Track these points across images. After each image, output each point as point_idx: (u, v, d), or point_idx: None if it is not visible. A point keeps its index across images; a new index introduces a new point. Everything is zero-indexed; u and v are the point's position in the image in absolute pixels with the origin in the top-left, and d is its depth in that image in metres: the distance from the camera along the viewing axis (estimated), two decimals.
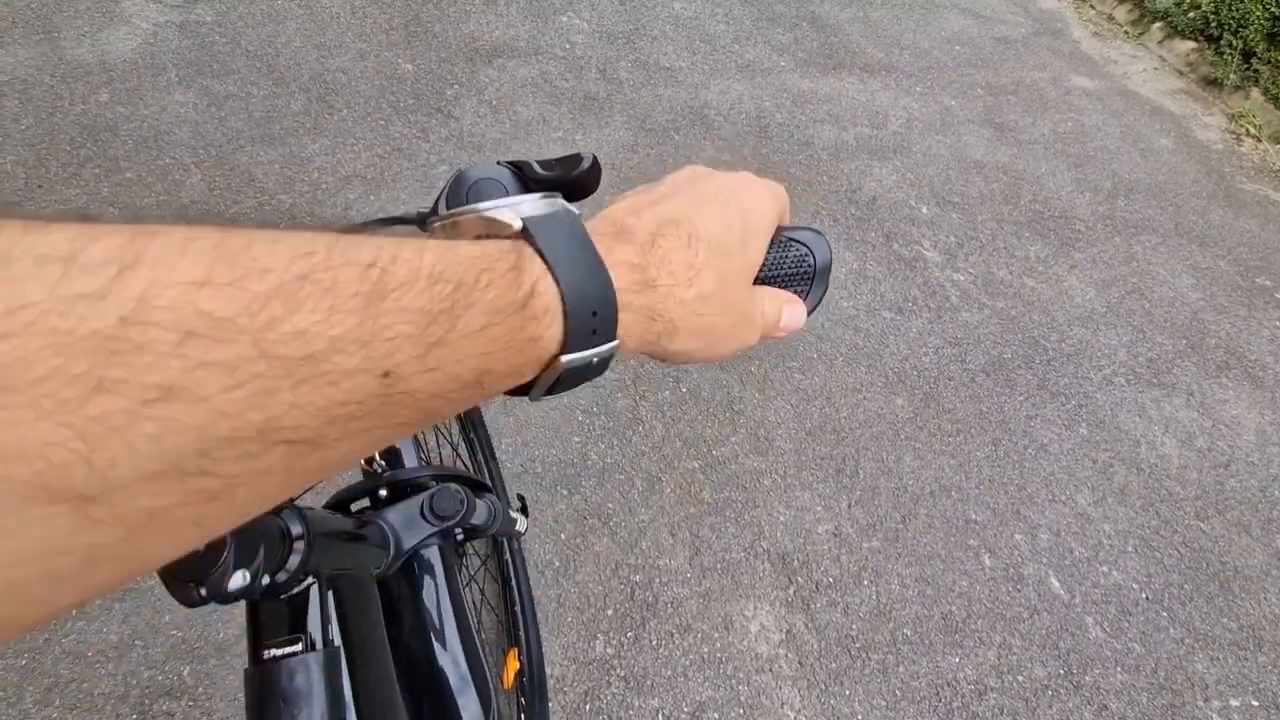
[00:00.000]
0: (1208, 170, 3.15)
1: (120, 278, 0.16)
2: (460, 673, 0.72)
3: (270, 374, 0.18)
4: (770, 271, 0.37)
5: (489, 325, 0.23)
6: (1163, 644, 1.60)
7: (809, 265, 0.37)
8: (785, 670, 1.43)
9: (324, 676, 0.42)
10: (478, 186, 0.35)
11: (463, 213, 0.27)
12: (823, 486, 1.73)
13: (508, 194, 0.36)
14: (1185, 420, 2.08)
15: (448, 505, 0.60)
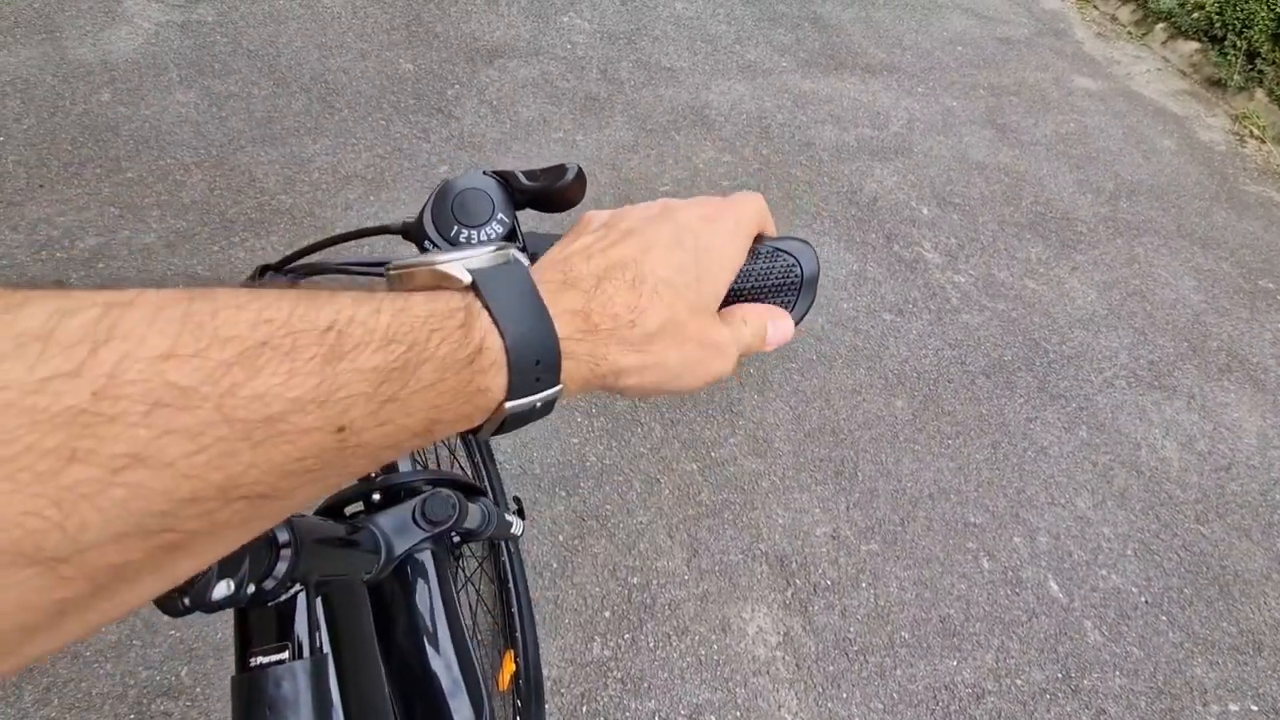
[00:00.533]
0: (1211, 172, 3.14)
1: (94, 353, 0.17)
2: (453, 676, 0.72)
3: (231, 436, 0.19)
4: (758, 282, 0.37)
5: (439, 380, 0.24)
6: (1162, 648, 1.59)
7: (796, 275, 0.37)
8: (783, 673, 1.43)
9: (311, 684, 0.42)
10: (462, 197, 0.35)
11: (417, 264, 0.27)
12: (821, 489, 1.73)
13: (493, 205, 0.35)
14: (1186, 423, 2.07)
15: (440, 510, 0.60)
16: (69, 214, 1.89)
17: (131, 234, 1.88)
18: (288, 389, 0.20)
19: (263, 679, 0.41)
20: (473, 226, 0.35)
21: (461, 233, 0.35)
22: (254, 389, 0.19)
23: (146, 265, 1.82)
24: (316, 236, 1.98)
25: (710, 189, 2.45)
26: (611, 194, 2.35)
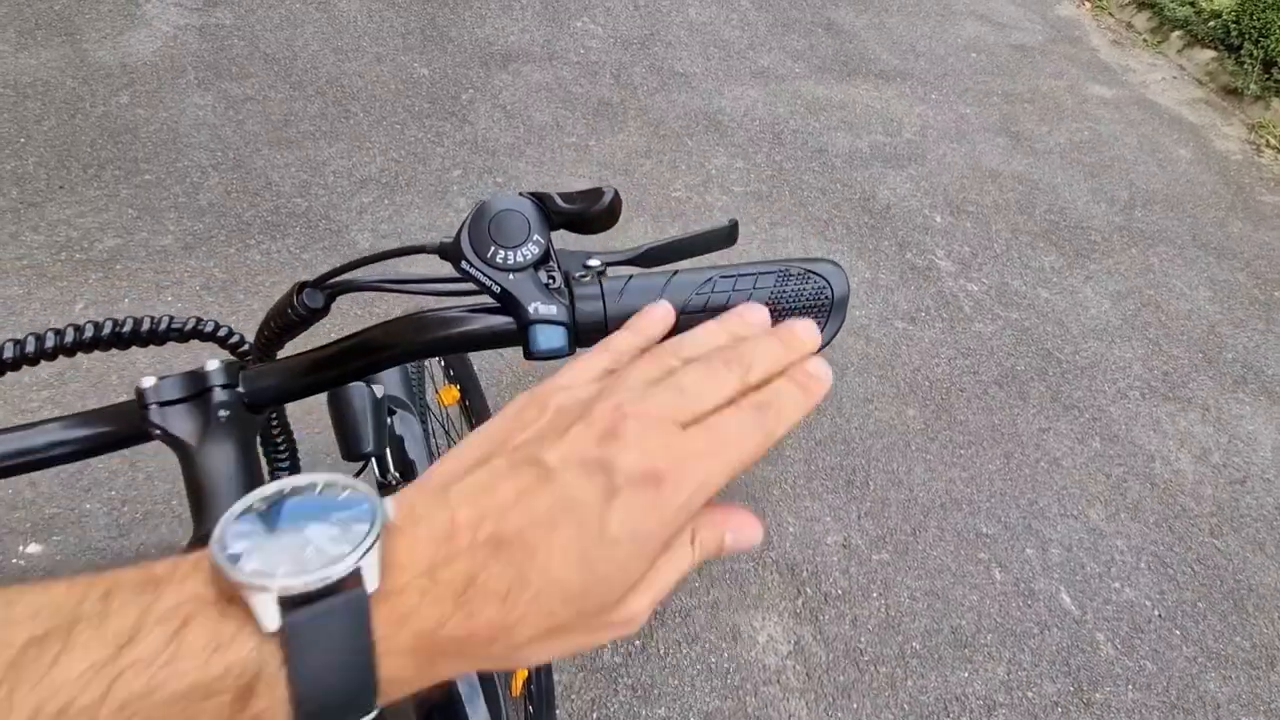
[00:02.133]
0: (1226, 181, 3.11)
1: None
2: (469, 681, 0.72)
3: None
4: (789, 303, 0.37)
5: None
6: (1175, 662, 1.58)
7: (826, 298, 0.38)
8: (793, 682, 1.43)
9: None
10: (499, 218, 0.36)
11: (229, 573, 0.20)
12: (832, 497, 1.73)
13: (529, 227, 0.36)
14: (1200, 435, 2.06)
15: None
16: (88, 215, 1.91)
17: (149, 236, 1.90)
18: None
19: None
20: (509, 247, 0.35)
21: (498, 253, 0.35)
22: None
23: (164, 267, 1.84)
24: (331, 240, 1.99)
25: (723, 195, 2.45)
26: (625, 198, 2.35)
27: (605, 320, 0.37)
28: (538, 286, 0.36)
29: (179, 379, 0.40)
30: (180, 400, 0.39)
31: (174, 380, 0.40)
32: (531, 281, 0.36)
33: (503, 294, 0.36)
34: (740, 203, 2.44)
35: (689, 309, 0.37)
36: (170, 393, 0.39)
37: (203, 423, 0.39)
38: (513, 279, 0.35)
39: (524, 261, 0.35)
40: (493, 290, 0.36)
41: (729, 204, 2.42)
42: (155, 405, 0.39)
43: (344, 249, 1.98)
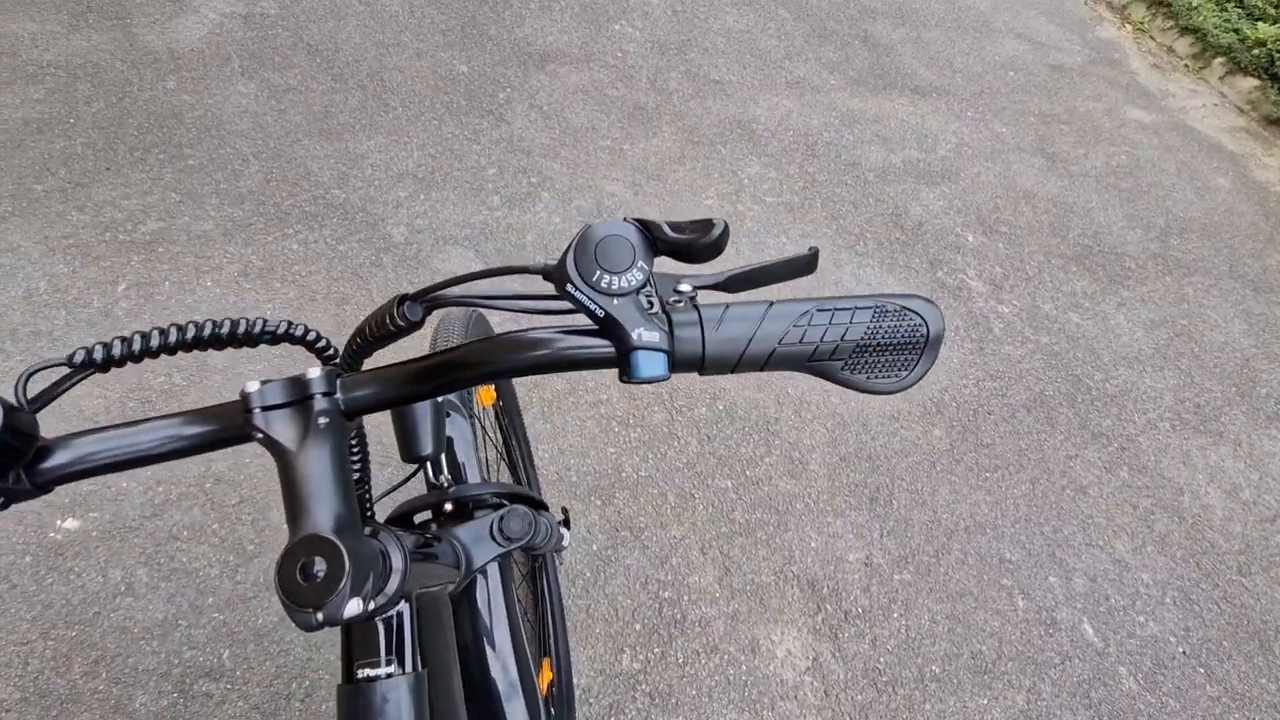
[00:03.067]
0: (1266, 213, 3.07)
1: None
2: (509, 679, 0.73)
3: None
4: (884, 339, 0.38)
5: None
6: (1198, 701, 1.56)
7: (921, 336, 0.38)
8: (810, 699, 1.42)
9: (413, 698, 0.43)
10: (605, 243, 0.36)
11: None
12: (855, 514, 1.72)
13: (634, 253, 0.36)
14: (1231, 470, 2.03)
15: (517, 526, 0.61)
16: (133, 197, 1.94)
17: (190, 220, 1.93)
18: None
19: (370, 691, 0.42)
20: (614, 273, 0.36)
21: (603, 278, 0.36)
22: None
23: (204, 252, 1.87)
24: (367, 232, 2.01)
25: (755, 205, 2.45)
26: (657, 204, 2.36)
27: (703, 349, 0.37)
28: (640, 312, 0.36)
29: (283, 384, 0.41)
30: (283, 405, 0.40)
31: (277, 385, 0.40)
32: (635, 307, 0.36)
33: (606, 319, 0.36)
34: (772, 213, 2.44)
35: (785, 341, 0.37)
36: (274, 397, 0.40)
37: (303, 428, 0.40)
38: (616, 304, 0.36)
39: (628, 288, 0.36)
40: (596, 315, 0.36)
41: (761, 214, 2.42)
42: (259, 409, 0.40)
43: (379, 242, 2.00)
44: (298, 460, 0.39)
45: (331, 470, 0.39)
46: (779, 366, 0.38)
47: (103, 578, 1.32)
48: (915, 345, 0.38)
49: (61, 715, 1.18)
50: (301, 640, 1.31)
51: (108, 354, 0.41)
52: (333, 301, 1.84)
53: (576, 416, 1.75)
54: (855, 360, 0.38)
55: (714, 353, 0.37)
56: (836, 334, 0.37)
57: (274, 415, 0.40)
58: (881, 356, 0.38)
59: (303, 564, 0.36)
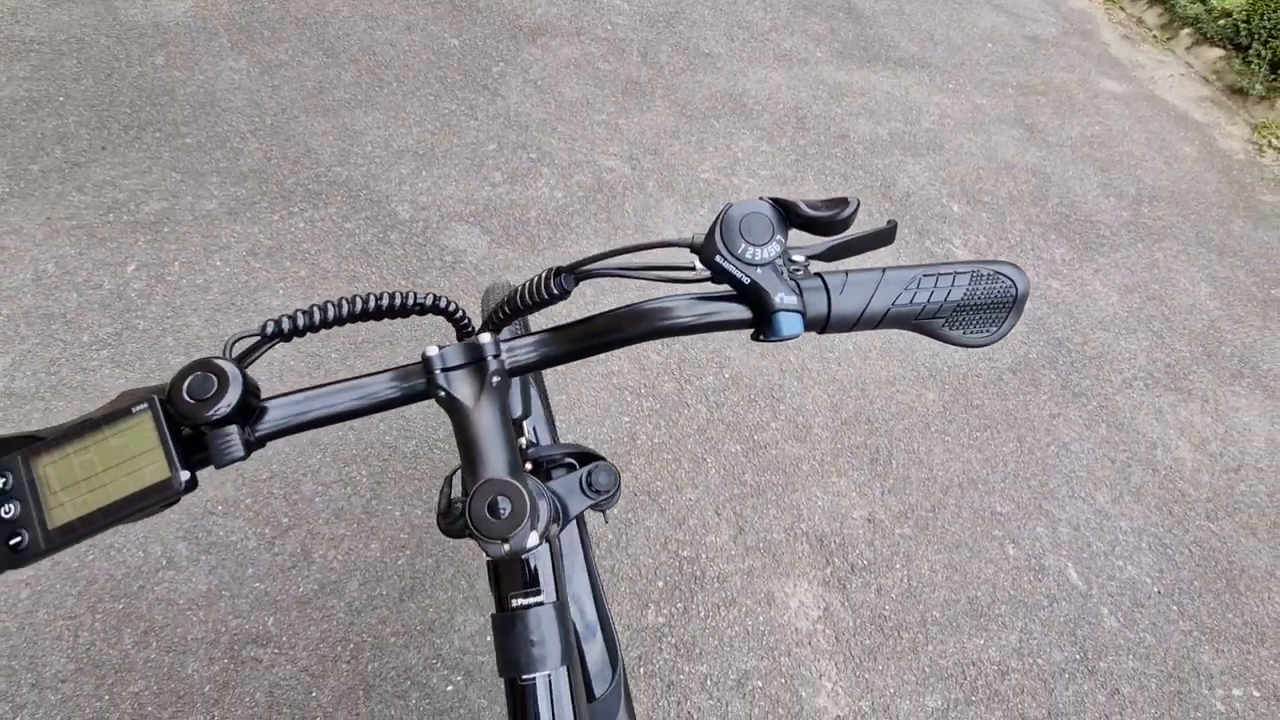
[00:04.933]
0: (1229, 181, 3.21)
1: None
2: (587, 621, 0.80)
3: None
4: (980, 299, 0.44)
5: None
6: (1172, 635, 1.70)
7: (1012, 295, 0.44)
8: (823, 645, 1.52)
9: (558, 624, 0.49)
10: (748, 219, 0.42)
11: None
12: (858, 474, 1.82)
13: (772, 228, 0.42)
14: (1199, 425, 2.17)
15: (604, 481, 0.67)
16: (132, 177, 1.92)
17: (194, 200, 1.92)
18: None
19: (524, 618, 0.48)
20: (756, 245, 0.41)
21: (747, 250, 0.41)
22: None
23: (210, 231, 1.86)
24: (372, 210, 2.02)
25: (750, 178, 2.50)
26: (655, 179, 2.40)
27: (828, 310, 0.43)
28: (779, 279, 0.42)
29: (460, 348, 0.45)
30: (462, 366, 0.45)
31: (455, 349, 0.45)
32: (774, 275, 0.42)
33: (750, 285, 0.42)
34: (766, 186, 2.49)
35: (898, 303, 0.43)
36: (454, 359, 0.45)
37: (478, 386, 0.45)
38: (760, 273, 0.42)
39: (768, 258, 0.41)
40: (741, 282, 0.42)
41: (756, 187, 2.47)
42: (440, 370, 0.45)
43: (385, 220, 2.01)
44: (474, 415, 0.44)
45: (501, 423, 0.44)
46: (890, 325, 0.44)
47: (143, 553, 1.35)
48: (1005, 304, 0.44)
49: (116, 684, 1.22)
50: (343, 606, 1.36)
51: (293, 325, 0.45)
52: (344, 279, 1.86)
53: (591, 388, 1.81)
54: (955, 318, 0.44)
55: (838, 314, 0.43)
56: (941, 295, 0.43)
57: (454, 375, 0.45)
58: (977, 314, 0.44)
59: (490, 502, 0.41)
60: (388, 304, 0.47)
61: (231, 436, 0.41)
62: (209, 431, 0.41)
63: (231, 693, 1.24)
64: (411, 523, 1.49)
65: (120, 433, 0.39)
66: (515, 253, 2.03)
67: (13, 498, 0.38)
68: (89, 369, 1.56)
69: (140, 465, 0.39)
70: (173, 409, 0.40)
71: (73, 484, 0.38)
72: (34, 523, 0.37)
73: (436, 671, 1.33)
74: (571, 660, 0.51)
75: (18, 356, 1.54)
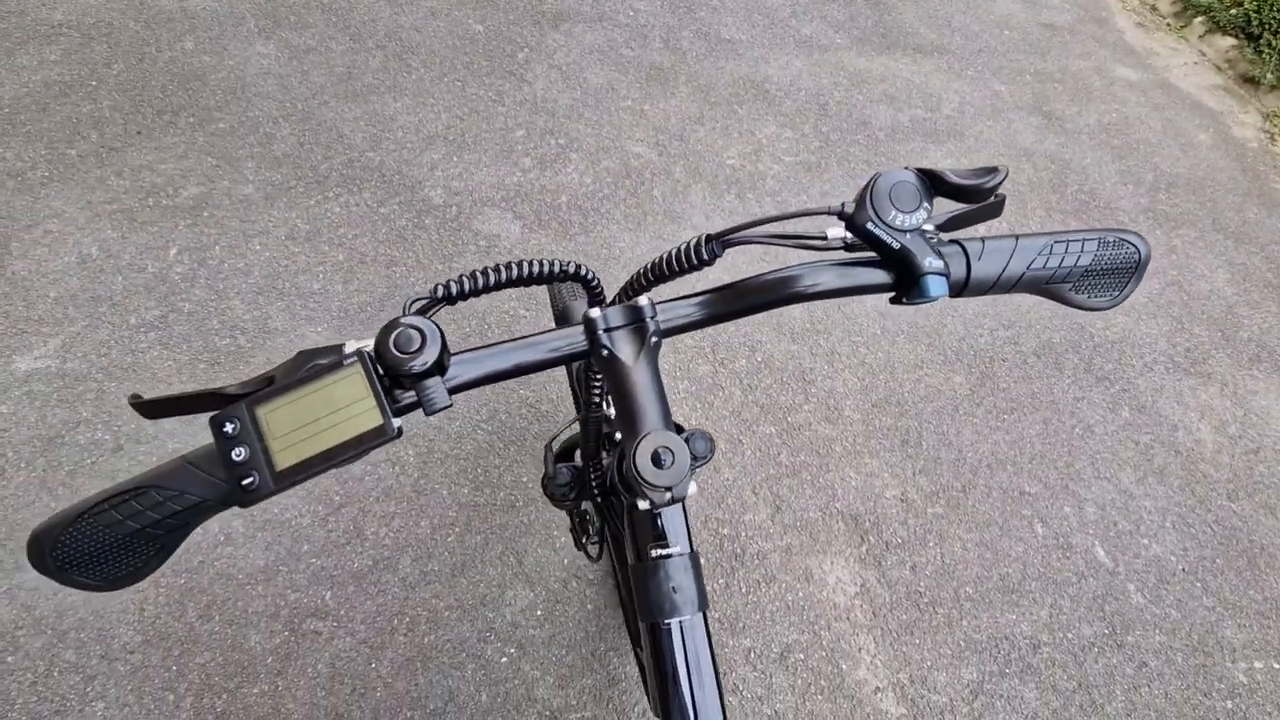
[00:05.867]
0: (1244, 168, 3.23)
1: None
2: None
3: None
4: (1107, 265, 0.47)
5: None
6: (1196, 611, 1.74)
7: (1136, 260, 0.47)
8: (861, 619, 1.56)
9: (693, 572, 0.52)
10: (897, 188, 0.44)
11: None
12: (889, 455, 1.85)
13: (920, 196, 0.44)
14: (1219, 408, 2.20)
15: (702, 447, 0.70)
16: (169, 162, 1.93)
17: (230, 185, 1.93)
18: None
19: (665, 565, 0.51)
20: (905, 212, 0.43)
21: (897, 217, 0.43)
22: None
23: (248, 216, 1.88)
24: (406, 195, 2.04)
25: (774, 164, 2.51)
26: (681, 165, 2.41)
27: (968, 274, 0.45)
28: (927, 244, 0.44)
29: (622, 309, 0.48)
30: (623, 327, 0.48)
31: (617, 310, 0.48)
32: (923, 240, 0.44)
33: (901, 250, 0.44)
34: (791, 172, 2.51)
35: (1032, 268, 0.45)
36: (616, 320, 0.48)
37: (638, 345, 0.47)
38: (909, 238, 0.44)
39: (917, 224, 0.44)
40: (891, 247, 0.44)
41: (781, 173, 2.49)
42: (604, 330, 0.47)
43: (419, 205, 2.03)
44: (634, 372, 0.46)
45: (656, 380, 0.47)
46: (1022, 289, 0.47)
47: (201, 530, 1.38)
48: (1129, 269, 0.47)
49: (183, 655, 1.25)
50: (397, 581, 1.39)
51: (460, 288, 0.48)
52: (381, 264, 1.88)
53: None
54: (1082, 282, 0.47)
55: (977, 278, 0.46)
56: (1072, 260, 0.46)
57: (616, 335, 0.47)
58: (1103, 279, 0.47)
59: (655, 452, 0.44)
60: (538, 270, 0.50)
61: (437, 387, 0.43)
62: (413, 384, 0.43)
63: (294, 664, 1.27)
64: (459, 501, 1.52)
65: (334, 384, 0.41)
66: (548, 237, 2.05)
67: (242, 442, 0.40)
68: (138, 351, 1.58)
69: (353, 413, 0.41)
70: (380, 362, 0.43)
71: (293, 430, 0.41)
72: (262, 464, 0.40)
73: (490, 644, 1.36)
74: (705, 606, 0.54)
75: (68, 338, 1.56)
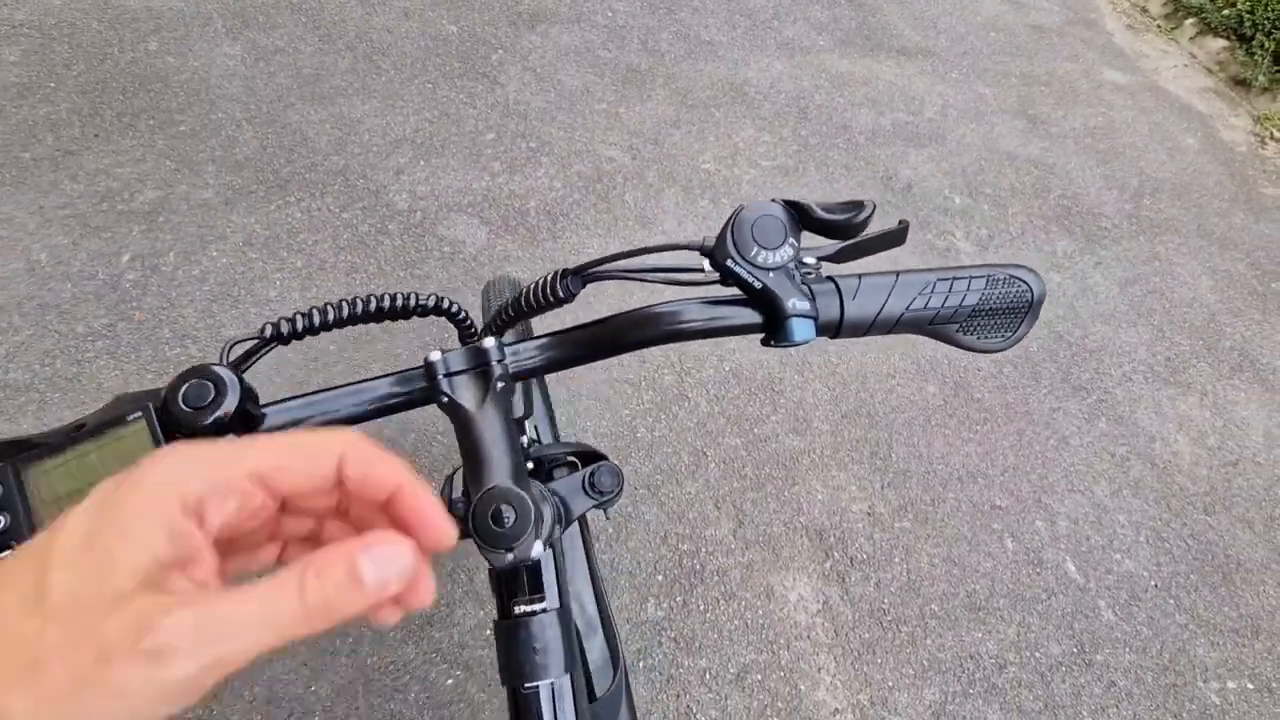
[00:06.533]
0: (1231, 173, 3.19)
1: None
2: (588, 618, 0.79)
3: None
4: (996, 304, 0.43)
5: None
6: (1168, 628, 1.71)
7: (1027, 300, 0.43)
8: (822, 638, 1.53)
9: (561, 631, 0.48)
10: (759, 224, 0.41)
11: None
12: (858, 468, 1.81)
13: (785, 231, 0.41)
14: (1198, 419, 2.17)
15: (608, 482, 0.66)
16: (126, 165, 1.89)
17: (189, 189, 1.89)
18: None
19: (527, 625, 0.48)
20: (769, 249, 0.40)
21: (759, 254, 0.40)
22: None
23: (206, 221, 1.84)
24: (370, 200, 2.00)
25: (751, 168, 2.48)
26: (655, 169, 2.37)
27: (841, 315, 0.42)
28: (792, 283, 0.41)
29: (464, 353, 0.44)
30: (465, 371, 0.44)
31: (459, 354, 0.44)
32: (786, 279, 0.41)
33: (762, 290, 0.41)
34: (768, 177, 2.47)
35: (912, 308, 0.42)
36: (457, 364, 0.44)
37: (482, 392, 0.44)
38: (772, 277, 0.40)
39: (781, 262, 0.40)
40: (753, 286, 0.41)
41: (757, 177, 2.45)
42: (444, 375, 0.44)
43: (383, 210, 1.99)
44: (477, 420, 0.43)
45: (505, 428, 0.43)
46: (904, 330, 0.43)
47: None
48: (1021, 309, 0.43)
49: None
50: None
51: (291, 328, 0.44)
52: (341, 271, 1.84)
53: (590, 382, 1.80)
54: (970, 323, 0.43)
55: (851, 318, 0.42)
56: (956, 300, 0.42)
57: (458, 380, 0.44)
58: (992, 319, 0.43)
59: (494, 511, 0.40)
60: (389, 305, 0.46)
61: None
62: None
63: (229, 687, 1.23)
64: None
65: (114, 441, 0.38)
66: (514, 244, 2.02)
67: (3, 509, 0.37)
68: (84, 361, 1.54)
69: None
70: (168, 417, 0.39)
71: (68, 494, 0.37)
72: (25, 534, 0.37)
73: (436, 666, 1.33)
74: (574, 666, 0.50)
75: (12, 348, 1.53)
